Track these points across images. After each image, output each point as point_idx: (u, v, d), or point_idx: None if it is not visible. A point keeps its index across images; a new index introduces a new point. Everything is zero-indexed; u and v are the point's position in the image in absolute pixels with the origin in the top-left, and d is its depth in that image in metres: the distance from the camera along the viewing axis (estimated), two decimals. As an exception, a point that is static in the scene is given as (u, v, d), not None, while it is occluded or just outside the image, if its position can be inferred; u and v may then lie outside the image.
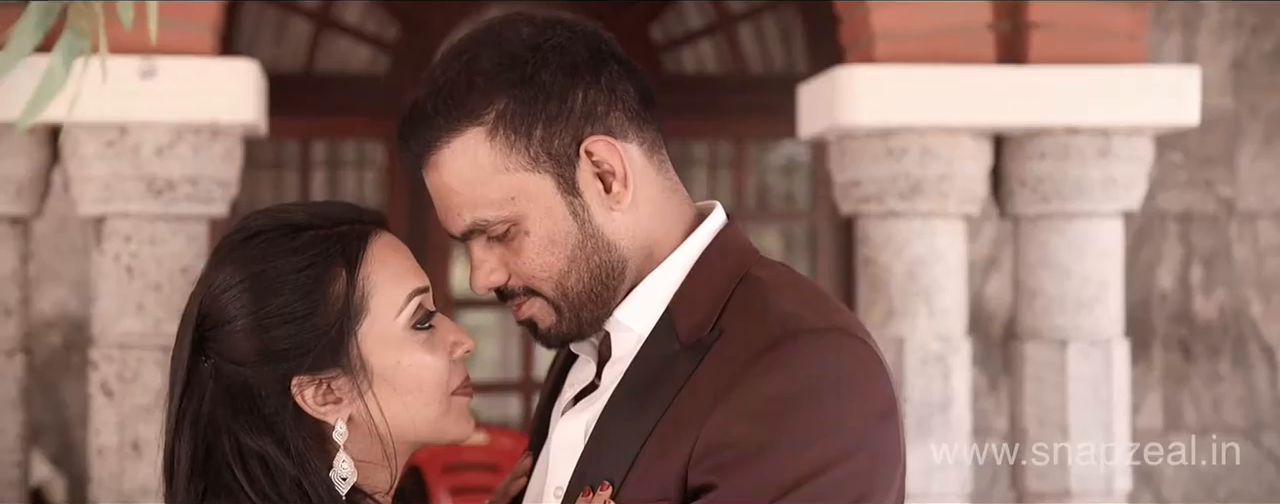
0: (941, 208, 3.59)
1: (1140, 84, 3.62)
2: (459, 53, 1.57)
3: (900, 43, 3.60)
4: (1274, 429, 5.44)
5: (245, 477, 1.49)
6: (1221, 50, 5.34)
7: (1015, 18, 3.67)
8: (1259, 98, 5.34)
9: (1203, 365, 5.40)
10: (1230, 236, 5.42)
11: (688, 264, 1.60)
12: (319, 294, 1.53)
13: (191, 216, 3.49)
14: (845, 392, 1.49)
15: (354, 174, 5.85)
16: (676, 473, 1.48)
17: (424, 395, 1.57)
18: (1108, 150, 3.62)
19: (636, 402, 1.55)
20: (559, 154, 1.54)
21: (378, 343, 1.54)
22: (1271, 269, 5.43)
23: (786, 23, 5.60)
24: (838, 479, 1.46)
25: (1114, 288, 3.70)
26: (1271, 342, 5.43)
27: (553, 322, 1.60)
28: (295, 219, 1.57)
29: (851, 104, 3.55)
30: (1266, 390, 5.43)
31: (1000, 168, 3.73)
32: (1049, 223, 3.68)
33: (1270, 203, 5.42)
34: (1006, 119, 3.59)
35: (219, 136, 3.48)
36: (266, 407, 1.52)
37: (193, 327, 1.55)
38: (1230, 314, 5.41)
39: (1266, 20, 5.41)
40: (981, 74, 3.58)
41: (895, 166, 3.58)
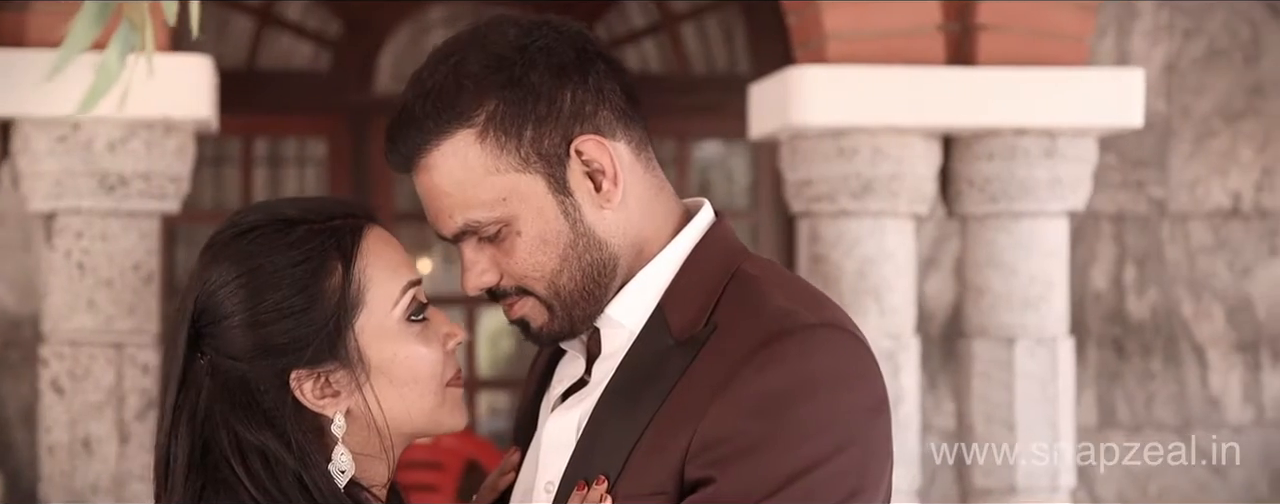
0: (892, 207, 3.64)
1: (1086, 86, 3.69)
2: (446, 56, 1.58)
3: (851, 43, 3.64)
4: (1204, 426, 5.53)
5: (245, 472, 1.49)
6: (1154, 53, 5.42)
7: (964, 19, 3.72)
8: (1190, 101, 5.43)
9: (1135, 364, 5.48)
10: (1162, 237, 5.51)
11: (678, 261, 1.62)
12: (315, 288, 1.53)
13: (143, 213, 3.47)
14: (839, 387, 1.52)
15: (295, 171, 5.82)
16: (673, 467, 1.50)
17: (420, 387, 1.58)
18: (1054, 151, 3.68)
19: (631, 397, 1.56)
20: (549, 154, 1.55)
21: (374, 336, 1.55)
22: (1202, 270, 5.52)
23: (729, 23, 5.64)
24: (832, 473, 1.49)
25: (1059, 287, 3.76)
26: (1202, 341, 5.52)
27: (545, 320, 1.61)
28: (288, 214, 1.57)
29: (804, 104, 3.58)
30: (1197, 388, 5.52)
31: (948, 168, 3.78)
32: (996, 222, 3.74)
33: (1201, 204, 5.51)
34: (956, 120, 3.64)
35: (172, 132, 3.46)
36: (266, 401, 1.52)
37: (188, 323, 1.55)
38: (1162, 314, 5.50)
39: (1198, 24, 5.50)
40: (932, 75, 3.63)
41: (846, 166, 3.61)
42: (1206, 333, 5.52)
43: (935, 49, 3.68)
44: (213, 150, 5.52)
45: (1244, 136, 5.52)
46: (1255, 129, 5.53)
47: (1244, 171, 5.53)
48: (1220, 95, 5.50)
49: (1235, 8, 5.51)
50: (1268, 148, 5.54)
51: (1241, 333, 5.54)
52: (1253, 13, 5.53)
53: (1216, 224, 5.52)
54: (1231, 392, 5.53)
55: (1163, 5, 5.44)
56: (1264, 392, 5.54)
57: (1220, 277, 5.53)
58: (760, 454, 1.47)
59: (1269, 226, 5.55)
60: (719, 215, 1.69)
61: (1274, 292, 5.55)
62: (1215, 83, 5.49)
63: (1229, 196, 5.52)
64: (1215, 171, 5.51)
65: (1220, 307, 5.53)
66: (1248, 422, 5.54)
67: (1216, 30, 5.51)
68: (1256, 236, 5.55)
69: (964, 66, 3.68)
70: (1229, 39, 5.52)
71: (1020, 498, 3.70)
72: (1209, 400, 5.53)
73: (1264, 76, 5.53)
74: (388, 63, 5.64)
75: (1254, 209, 5.54)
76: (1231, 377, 5.53)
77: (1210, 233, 5.52)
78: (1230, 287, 5.54)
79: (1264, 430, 5.55)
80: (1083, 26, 3.74)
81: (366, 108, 5.49)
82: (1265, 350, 5.54)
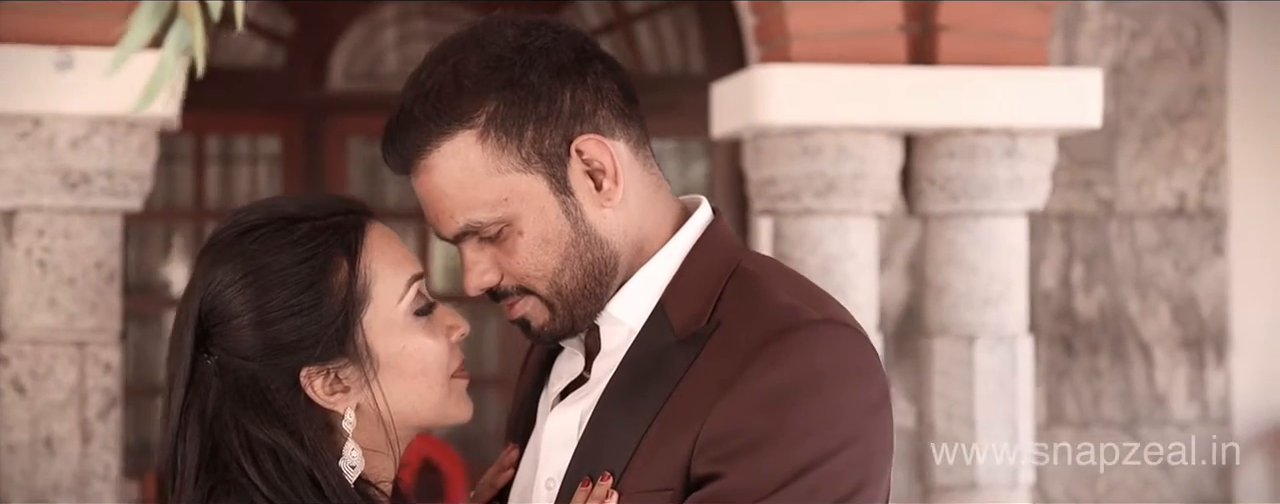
0: (855, 206, 3.66)
1: (1045, 86, 3.73)
2: (443, 57, 1.58)
3: (815, 43, 3.66)
4: (1150, 423, 5.60)
5: (257, 471, 1.49)
6: (1102, 54, 5.48)
7: (924, 20, 3.75)
8: (1136, 101, 5.50)
9: (1083, 361, 5.54)
10: (1109, 236, 5.58)
11: (679, 258, 1.63)
12: (323, 285, 1.54)
13: (106, 210, 3.44)
14: (844, 383, 1.53)
15: (247, 169, 5.78)
16: (680, 463, 1.51)
17: (428, 379, 1.59)
18: (1014, 150, 3.72)
19: (634, 394, 1.57)
20: (550, 154, 1.56)
21: (382, 330, 1.56)
22: (1148, 268, 5.60)
23: (682, 22, 5.65)
24: (837, 468, 1.50)
25: (1019, 285, 3.80)
26: (1148, 339, 5.60)
27: (546, 319, 1.62)
28: (288, 212, 1.57)
29: (769, 103, 3.60)
30: (1143, 386, 5.59)
31: (910, 167, 3.81)
32: (958, 221, 3.77)
33: (1146, 204, 5.59)
34: (918, 119, 3.68)
35: (135, 129, 3.44)
36: (277, 399, 1.52)
37: (194, 324, 1.54)
38: (1109, 312, 5.57)
39: (1144, 26, 5.57)
40: (895, 75, 3.66)
41: (811, 165, 3.64)
42: (1152, 331, 5.60)
43: (897, 49, 3.71)
44: (164, 148, 5.45)
45: (1189, 137, 5.60)
46: (1200, 130, 5.61)
47: (1189, 172, 5.61)
48: (1165, 96, 5.58)
49: (1180, 10, 5.58)
50: (1212, 148, 5.62)
51: (1186, 331, 5.62)
52: (1197, 15, 5.61)
53: (1162, 223, 5.60)
54: (1176, 389, 5.60)
55: (1110, 7, 5.50)
56: (1208, 389, 5.63)
57: (1166, 275, 5.61)
58: (767, 450, 1.48)
59: (1213, 226, 5.64)
60: (716, 212, 1.70)
61: (1218, 290, 5.63)
62: (1161, 84, 5.56)
63: (1174, 196, 5.59)
64: (1161, 172, 5.59)
65: (1166, 305, 5.60)
66: (1192, 418, 5.61)
67: (1162, 32, 5.59)
68: (1201, 236, 5.63)
69: (926, 66, 3.71)
70: (1174, 41, 5.59)
71: (980, 495, 3.73)
72: (1155, 397, 5.60)
73: (1208, 78, 5.62)
74: (341, 60, 5.62)
75: (1198, 209, 5.62)
76: (1176, 374, 5.60)
77: (1156, 232, 5.60)
78: (1175, 285, 5.61)
79: (1208, 427, 5.63)
80: (1040, 28, 3.78)
81: (320, 105, 5.46)
82: (1209, 348, 5.63)
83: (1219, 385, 5.63)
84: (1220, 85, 5.62)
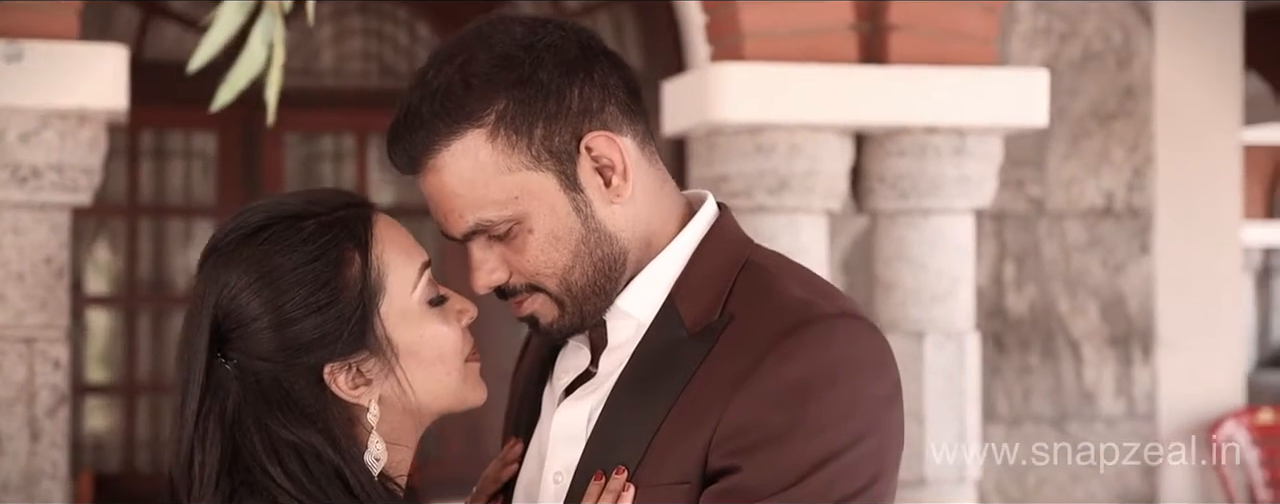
0: (807, 203, 3.69)
1: (993, 86, 3.77)
2: (450, 55, 1.58)
3: (767, 42, 3.69)
4: (1078, 419, 5.68)
5: (282, 472, 1.48)
6: (1032, 56, 5.55)
7: (875, 19, 3.78)
8: (1066, 102, 5.58)
9: (1014, 358, 5.61)
10: (1040, 235, 5.65)
11: (687, 252, 1.64)
12: (338, 281, 1.53)
13: (55, 205, 3.39)
14: (858, 376, 1.54)
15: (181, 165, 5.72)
16: (696, 457, 1.52)
17: (446, 365, 1.59)
18: (963, 149, 3.76)
19: (646, 388, 1.57)
20: (560, 151, 1.56)
21: (399, 320, 1.55)
22: (1077, 267, 5.68)
23: (620, 20, 5.66)
24: (854, 460, 1.52)
25: (966, 282, 3.85)
26: (1077, 336, 5.68)
27: (555, 316, 1.62)
28: (292, 210, 1.56)
29: (722, 101, 3.62)
30: (1072, 382, 5.67)
31: (860, 165, 3.84)
32: (907, 219, 3.81)
33: (1075, 204, 5.67)
34: (870, 118, 3.71)
35: (86, 123, 3.39)
36: (302, 398, 1.51)
37: (208, 329, 1.53)
38: (1040, 309, 5.64)
39: (1073, 27, 5.65)
40: (847, 74, 3.69)
41: (764, 163, 3.66)
42: (1081, 328, 5.68)
43: (848, 48, 3.74)
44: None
45: (1116, 137, 5.69)
46: (1127, 130, 5.70)
47: (1116, 171, 5.70)
48: (1094, 97, 5.66)
49: (1108, 13, 5.67)
50: (1138, 148, 5.71)
51: (1114, 328, 5.71)
52: (1124, 18, 5.70)
53: (1090, 223, 5.68)
54: (1104, 385, 5.69)
55: (1040, 9, 5.58)
56: (1134, 385, 5.72)
57: (1094, 274, 5.69)
58: (784, 443, 1.49)
59: (1140, 225, 5.73)
60: (721, 207, 1.71)
61: (1144, 288, 5.73)
62: (1089, 85, 5.65)
63: (1102, 196, 5.68)
64: (1089, 171, 5.67)
65: (1094, 303, 5.69)
66: (1119, 414, 5.70)
67: (1091, 34, 5.67)
68: (1128, 234, 5.72)
69: (877, 65, 3.75)
70: (1103, 42, 5.68)
71: (928, 491, 3.77)
72: (1083, 394, 5.69)
73: (1134, 79, 5.71)
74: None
75: (1125, 208, 5.71)
76: (1104, 371, 5.69)
77: (1085, 231, 5.68)
78: (1104, 283, 5.70)
79: (1134, 422, 5.73)
80: (988, 28, 3.83)
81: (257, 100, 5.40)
82: (1136, 345, 5.72)
83: (1145, 382, 5.73)
84: (1146, 86, 5.72)
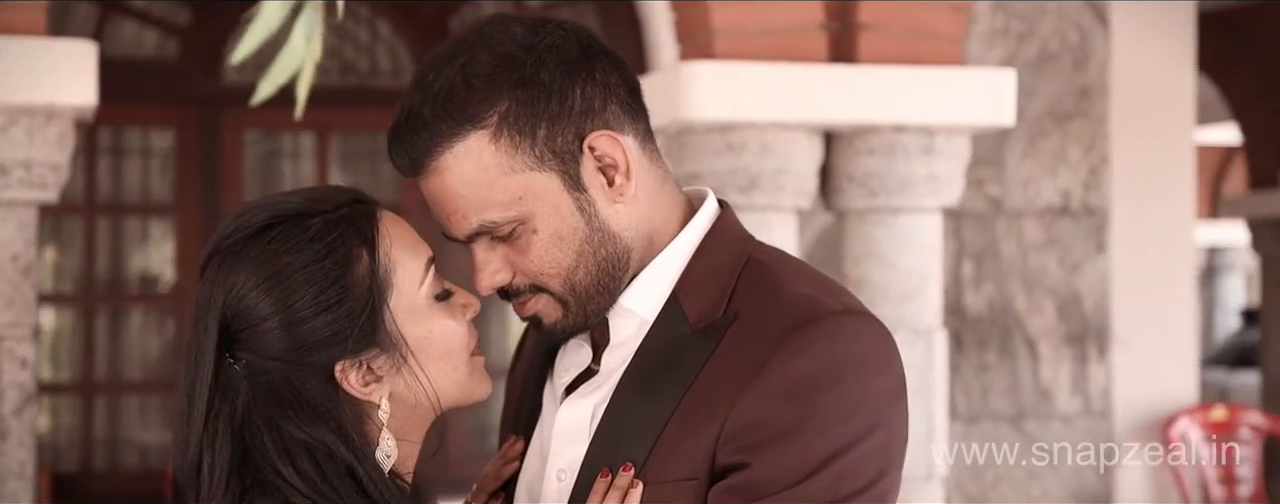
0: (777, 202, 3.70)
1: (961, 85, 3.79)
2: (451, 57, 1.57)
3: (738, 40, 3.69)
4: (1035, 416, 5.73)
5: (294, 472, 1.48)
6: (990, 56, 5.59)
7: (844, 19, 3.80)
8: (1024, 102, 5.61)
9: (972, 356, 5.65)
10: (998, 234, 5.69)
11: (690, 250, 1.64)
12: (347, 279, 1.52)
13: (22, 202, 3.36)
14: (866, 372, 1.56)
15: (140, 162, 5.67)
16: (705, 454, 1.52)
17: (453, 360, 1.59)
18: (931, 148, 3.78)
19: (651, 384, 1.58)
20: (563, 151, 1.56)
21: (407, 316, 1.55)
22: (1034, 265, 5.72)
23: (581, 18, 5.66)
24: (862, 456, 1.53)
25: (934, 280, 3.86)
26: (1033, 334, 5.72)
27: (559, 316, 1.62)
28: (296, 208, 1.55)
29: (694, 99, 3.62)
30: (1029, 380, 5.72)
31: (829, 164, 3.85)
32: (876, 217, 3.82)
33: (1033, 203, 5.71)
34: (840, 116, 3.72)
35: (54, 120, 3.36)
36: (315, 397, 1.51)
37: (216, 331, 1.52)
38: (997, 308, 5.68)
39: (1031, 28, 5.70)
40: (817, 73, 3.70)
41: (735, 161, 3.67)
42: (1038, 326, 5.72)
43: (818, 47, 3.75)
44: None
45: (1072, 137, 5.74)
46: (1083, 130, 5.75)
47: (1073, 171, 5.75)
48: (1051, 97, 5.71)
49: (1064, 14, 5.72)
50: (1094, 148, 5.76)
51: (1070, 326, 5.75)
52: (1081, 18, 5.75)
53: (1047, 222, 5.73)
54: (1061, 383, 5.74)
55: (998, 9, 5.62)
56: (1090, 383, 5.77)
57: (1051, 272, 5.74)
58: (793, 439, 1.50)
59: (1096, 223, 5.78)
60: (722, 204, 1.72)
61: (1100, 287, 5.78)
62: (1046, 85, 5.69)
63: (1059, 195, 5.73)
64: (1047, 171, 5.72)
65: (1051, 301, 5.74)
66: (1075, 412, 5.75)
67: (1048, 34, 5.72)
68: (1084, 233, 5.77)
69: (846, 64, 3.76)
70: (1059, 43, 5.73)
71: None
72: (1040, 391, 5.73)
73: (1090, 80, 5.76)
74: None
75: (1082, 207, 5.76)
76: (1061, 368, 5.74)
77: (1042, 230, 5.73)
78: (1060, 282, 5.75)
79: (1090, 419, 5.78)
80: (956, 27, 3.85)
81: (216, 98, 5.38)
82: (1092, 343, 5.77)
83: (1101, 379, 5.78)
84: (1102, 87, 5.77)
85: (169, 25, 5.46)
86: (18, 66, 3.26)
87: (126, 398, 5.79)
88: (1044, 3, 5.66)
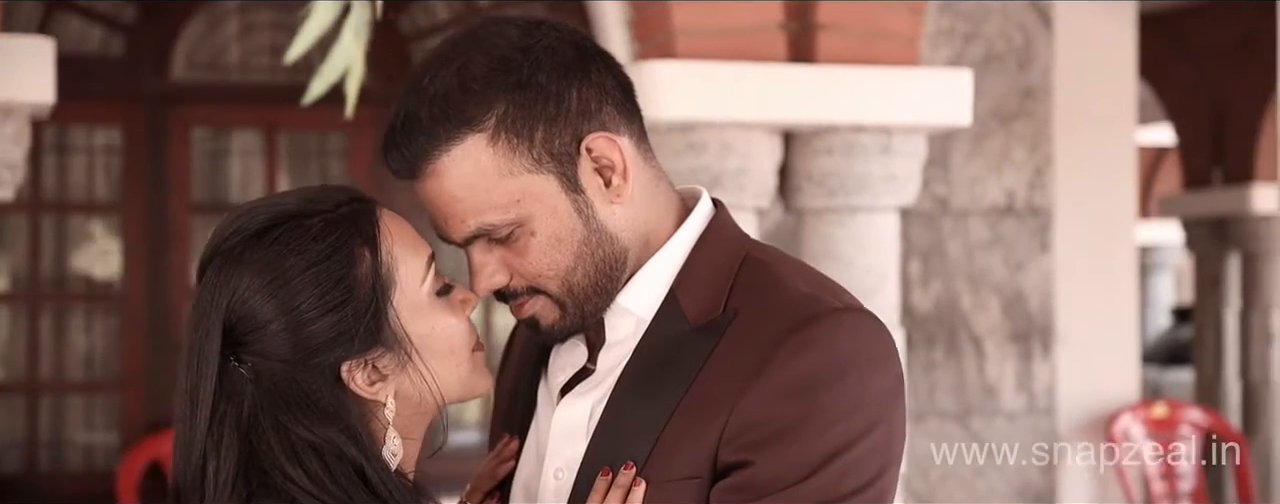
0: (738, 201, 3.70)
1: (919, 85, 3.82)
2: (446, 59, 1.57)
3: (698, 39, 3.70)
4: (981, 414, 5.78)
5: (303, 473, 1.47)
6: (937, 57, 5.63)
7: (803, 19, 3.81)
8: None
9: (920, 354, 5.69)
10: (944, 233, 5.74)
11: (686, 248, 1.65)
12: (350, 279, 1.52)
13: (-22, 201, 3.32)
14: (866, 369, 1.57)
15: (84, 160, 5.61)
16: (707, 452, 1.53)
17: (456, 357, 1.59)
18: (889, 147, 3.80)
19: (651, 383, 1.58)
20: (561, 153, 1.57)
21: (411, 313, 1.55)
22: (980, 264, 5.77)
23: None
24: (863, 453, 1.54)
25: (892, 278, 3.89)
26: (979, 332, 5.77)
27: (556, 318, 1.62)
28: (294, 208, 1.54)
29: (656, 98, 3.62)
30: (974, 378, 5.77)
31: (788, 163, 3.86)
32: (834, 216, 3.84)
33: (978, 202, 5.76)
34: (799, 116, 3.73)
35: (10, 117, 3.32)
36: (322, 398, 1.50)
37: (220, 334, 1.51)
38: (944, 306, 5.73)
39: (976, 29, 5.75)
40: (777, 72, 3.71)
41: (696, 160, 3.67)
42: (983, 324, 5.77)
43: (777, 47, 3.77)
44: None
45: (1017, 137, 5.79)
46: (1027, 130, 5.80)
47: (1018, 171, 5.81)
48: (996, 98, 5.76)
49: (1009, 15, 5.77)
50: (1038, 148, 5.82)
51: (1015, 324, 5.81)
52: (1025, 20, 5.81)
53: (993, 221, 5.78)
54: (1006, 381, 5.79)
55: (944, 10, 5.66)
56: (1034, 381, 5.83)
57: (996, 271, 5.79)
58: (796, 437, 1.51)
59: (1040, 223, 5.84)
60: (716, 203, 1.73)
61: (1044, 285, 5.84)
62: (991, 86, 5.74)
63: (1004, 194, 5.78)
64: (992, 170, 5.77)
65: (996, 299, 5.79)
66: (1020, 409, 5.81)
67: (993, 35, 5.77)
68: (1029, 233, 5.83)
69: (805, 64, 3.78)
70: (1004, 44, 5.78)
71: (855, 483, 3.79)
72: (985, 389, 5.78)
73: (1034, 81, 5.82)
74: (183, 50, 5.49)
75: (1026, 207, 5.81)
76: (1006, 366, 5.79)
77: (987, 229, 5.78)
78: (1005, 281, 5.80)
79: (1034, 417, 5.83)
80: (913, 28, 3.88)
81: (163, 95, 5.34)
82: (1036, 341, 5.83)
83: (1045, 377, 5.84)
84: (1046, 87, 5.83)
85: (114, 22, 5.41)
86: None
87: (71, 398, 5.73)
88: (989, 4, 5.71)
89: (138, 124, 5.33)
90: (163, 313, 5.48)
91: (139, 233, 5.37)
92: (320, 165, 5.82)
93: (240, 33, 5.65)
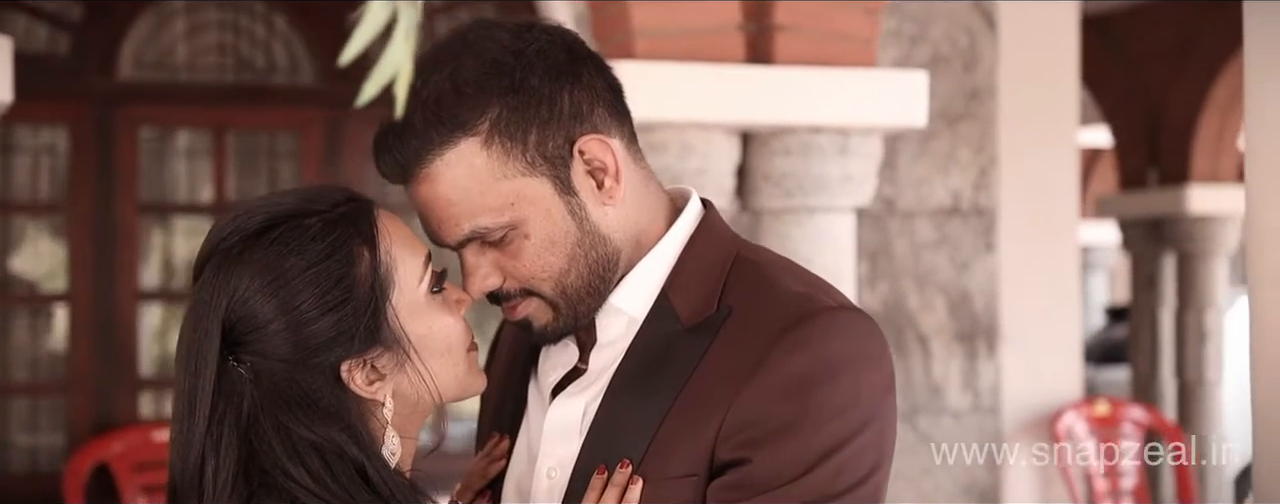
0: (697, 201, 3.72)
1: (876, 86, 3.84)
2: (437, 64, 1.58)
3: (657, 40, 3.71)
4: (927, 413, 5.82)
5: (304, 472, 1.47)
6: (883, 58, 5.67)
7: (760, 20, 3.83)
8: (917, 104, 5.70)
9: (867, 354, 5.71)
10: (891, 233, 5.78)
11: (678, 249, 1.67)
12: (349, 278, 1.52)
13: (-67, 200, 3.28)
14: (860, 368, 1.59)
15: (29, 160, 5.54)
16: (704, 449, 1.55)
17: (453, 356, 1.60)
18: (846, 148, 3.82)
19: (646, 382, 1.60)
20: (553, 156, 1.58)
21: (409, 313, 1.56)
22: (926, 264, 5.81)
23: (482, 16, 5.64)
24: (858, 449, 1.56)
25: (848, 278, 3.91)
26: (926, 332, 5.81)
27: (549, 319, 1.64)
28: (292, 208, 1.55)
29: (616, 99, 3.63)
30: (921, 377, 5.81)
31: (745, 163, 3.88)
32: (791, 217, 3.86)
33: (925, 203, 5.80)
34: (758, 117, 3.75)
35: (-33, 116, 3.28)
36: (323, 398, 1.50)
37: (219, 334, 1.51)
38: (892, 305, 5.77)
39: (922, 31, 5.79)
40: (735, 73, 3.73)
41: (656, 161, 3.68)
42: (930, 324, 5.82)
43: (735, 48, 3.78)
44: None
45: (962, 138, 5.84)
46: (972, 131, 5.85)
47: (963, 171, 5.85)
48: (942, 99, 5.80)
49: (955, 17, 5.82)
50: (983, 150, 5.87)
51: (960, 324, 5.86)
52: (970, 22, 5.86)
53: (939, 221, 5.82)
54: (951, 380, 5.84)
55: (892, 12, 5.70)
56: (980, 380, 5.88)
57: (942, 271, 5.84)
58: (792, 434, 1.53)
59: (985, 223, 5.89)
60: (705, 203, 1.74)
61: (989, 285, 5.89)
62: (937, 87, 5.78)
63: (950, 195, 5.83)
64: (938, 171, 5.82)
65: (942, 299, 5.83)
66: (965, 408, 5.86)
67: (939, 38, 5.81)
68: (974, 233, 5.88)
69: (763, 65, 3.79)
70: (950, 46, 5.83)
71: (812, 482, 3.82)
72: (931, 388, 5.83)
73: (980, 82, 5.87)
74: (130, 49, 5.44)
75: (972, 207, 5.86)
76: (951, 365, 5.84)
77: (933, 229, 5.82)
78: (951, 281, 5.85)
79: (979, 416, 5.88)
80: (869, 29, 3.90)
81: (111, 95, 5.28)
82: (981, 341, 5.88)
83: (990, 376, 5.89)
84: (991, 89, 5.88)
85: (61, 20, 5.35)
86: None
87: (15, 400, 5.67)
88: (934, 4, 5.75)
89: (84, 123, 5.27)
90: (109, 314, 5.43)
91: (86, 233, 5.31)
92: (269, 166, 5.78)
93: (188, 32, 5.61)
